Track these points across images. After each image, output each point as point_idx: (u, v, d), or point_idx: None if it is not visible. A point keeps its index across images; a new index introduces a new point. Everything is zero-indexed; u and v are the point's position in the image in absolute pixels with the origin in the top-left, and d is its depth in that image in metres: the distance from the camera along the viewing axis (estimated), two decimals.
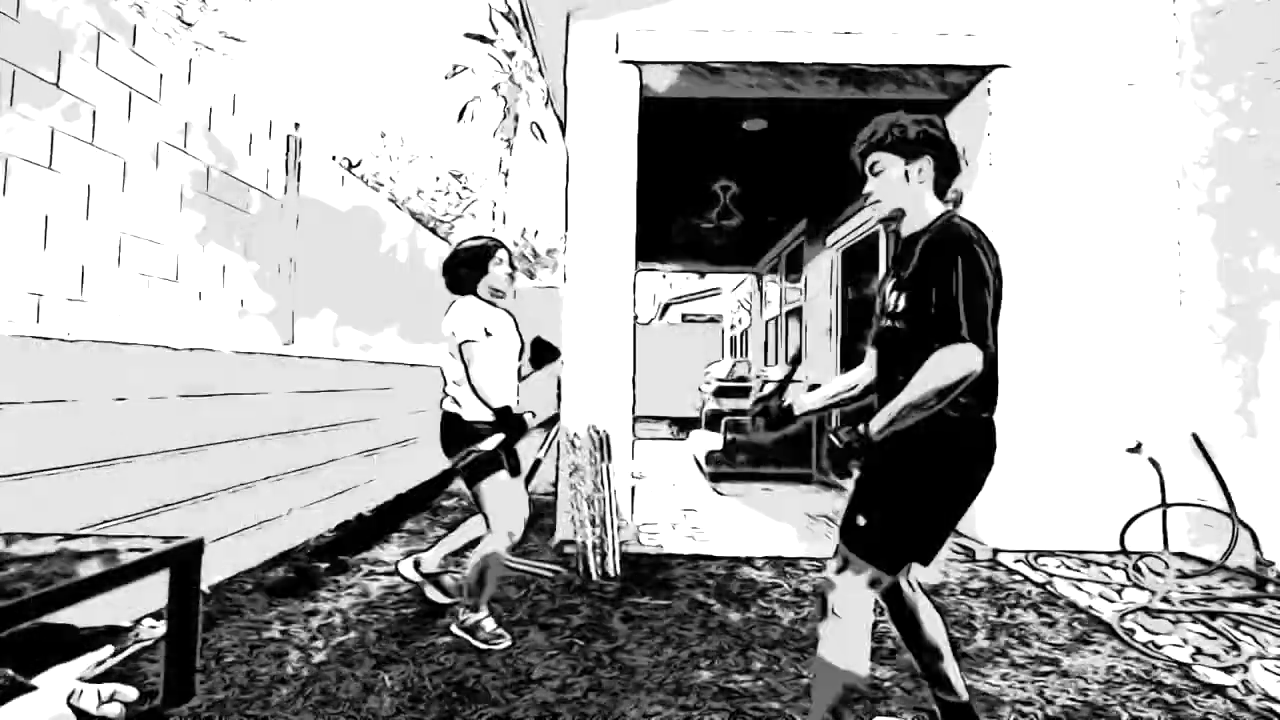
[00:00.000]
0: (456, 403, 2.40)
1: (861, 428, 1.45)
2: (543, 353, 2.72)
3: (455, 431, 2.39)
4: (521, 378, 2.62)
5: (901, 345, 1.50)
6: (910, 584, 1.64)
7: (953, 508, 1.48)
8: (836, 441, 1.48)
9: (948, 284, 1.37)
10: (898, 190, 1.56)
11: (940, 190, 1.58)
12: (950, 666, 1.61)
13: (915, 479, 1.46)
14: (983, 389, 1.45)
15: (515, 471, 2.49)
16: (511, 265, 2.58)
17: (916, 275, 1.47)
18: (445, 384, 2.46)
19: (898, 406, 1.38)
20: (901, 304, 1.50)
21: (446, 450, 2.42)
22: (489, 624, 2.35)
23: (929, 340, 1.37)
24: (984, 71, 3.65)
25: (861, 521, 1.48)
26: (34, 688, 0.49)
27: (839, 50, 3.61)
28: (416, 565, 2.72)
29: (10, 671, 0.51)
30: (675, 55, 3.67)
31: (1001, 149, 3.60)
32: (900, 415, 1.38)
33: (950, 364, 1.33)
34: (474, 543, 2.57)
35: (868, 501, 1.50)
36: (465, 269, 2.49)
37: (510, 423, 2.36)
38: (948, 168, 1.58)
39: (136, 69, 2.58)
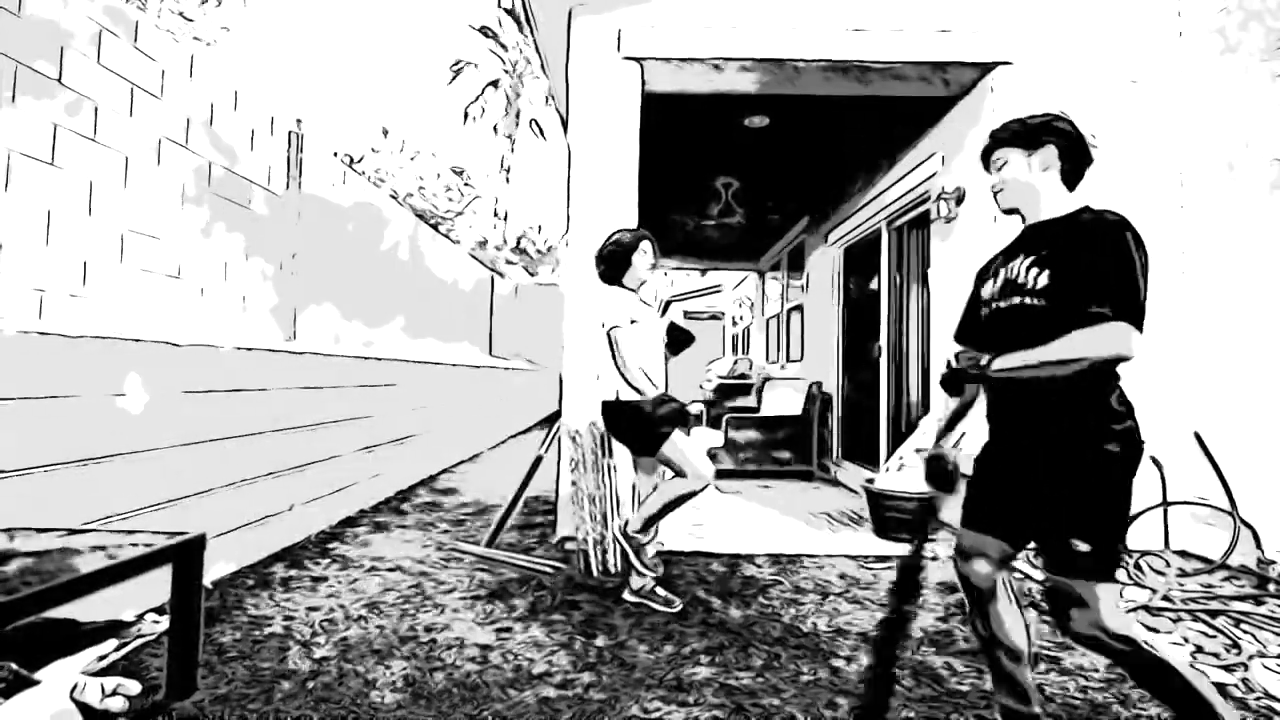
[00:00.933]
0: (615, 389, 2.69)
1: (984, 359, 1.50)
2: (678, 338, 2.91)
3: (615, 415, 2.73)
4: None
5: (1029, 325, 1.48)
6: (1008, 582, 1.63)
7: (1117, 491, 1.45)
8: (953, 363, 1.55)
9: (1109, 264, 1.38)
10: (1020, 180, 1.60)
11: (1070, 181, 1.59)
12: (1028, 673, 1.60)
13: (1116, 485, 1.43)
14: (1121, 392, 1.47)
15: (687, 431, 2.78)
16: (654, 255, 2.80)
17: (1060, 252, 1.47)
18: (600, 375, 2.75)
19: (1035, 357, 1.40)
20: (1044, 280, 1.47)
21: (618, 435, 2.80)
22: (661, 590, 2.66)
23: (1072, 318, 1.37)
24: (986, 68, 3.64)
25: (1085, 547, 1.41)
26: (37, 681, 0.49)
27: (841, 46, 3.60)
28: (625, 530, 2.79)
29: (14, 665, 0.51)
30: (677, 51, 3.66)
31: None
32: (1036, 365, 1.41)
33: (1109, 339, 1.33)
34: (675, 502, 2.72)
35: (1083, 525, 1.42)
36: (612, 260, 2.74)
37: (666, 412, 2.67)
38: (1075, 156, 1.59)
39: (138, 65, 2.58)
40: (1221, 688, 2.05)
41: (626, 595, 2.70)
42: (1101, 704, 1.95)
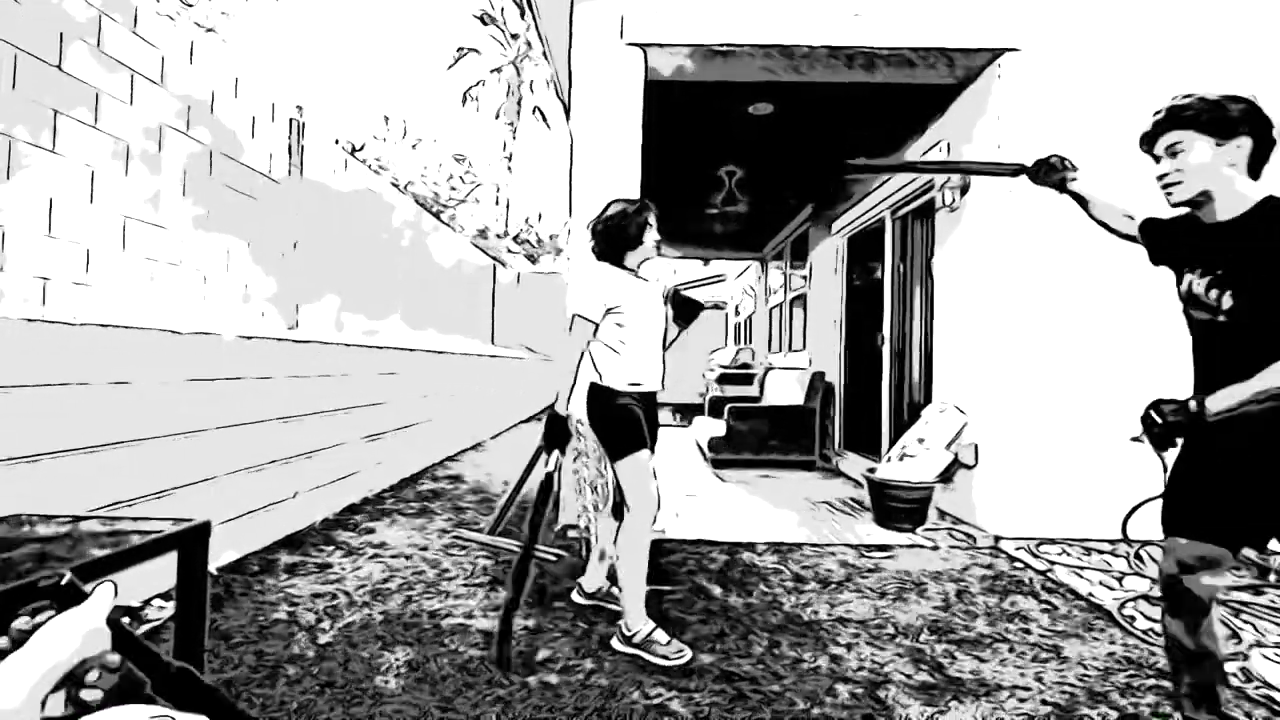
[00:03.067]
0: (596, 371, 2.32)
1: (1193, 404, 1.39)
2: (684, 309, 2.53)
3: (591, 399, 2.33)
4: (666, 346, 2.49)
5: (1228, 340, 1.44)
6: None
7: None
8: (1157, 418, 1.41)
9: None
10: (1203, 172, 1.43)
11: (1255, 171, 1.44)
12: (1222, 683, 1.51)
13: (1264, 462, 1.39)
14: None
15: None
16: (658, 231, 2.40)
17: (1243, 267, 1.38)
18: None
19: (1250, 391, 1.32)
20: (1228, 302, 1.41)
21: (591, 420, 2.33)
22: (660, 634, 2.17)
23: (1265, 337, 1.33)
24: (994, 55, 3.60)
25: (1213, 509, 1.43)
26: (88, 594, 0.50)
27: (847, 33, 3.56)
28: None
29: (69, 573, 0.52)
30: (681, 38, 3.63)
31: (1010, 134, 3.55)
32: (1249, 400, 1.32)
33: None
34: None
35: (1220, 488, 1.44)
36: (611, 236, 2.34)
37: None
38: (1268, 146, 1.44)
39: (138, 51, 2.56)
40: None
41: (617, 644, 2.20)
42: (1099, 692, 1.96)
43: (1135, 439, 3.48)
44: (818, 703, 1.88)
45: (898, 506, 3.75)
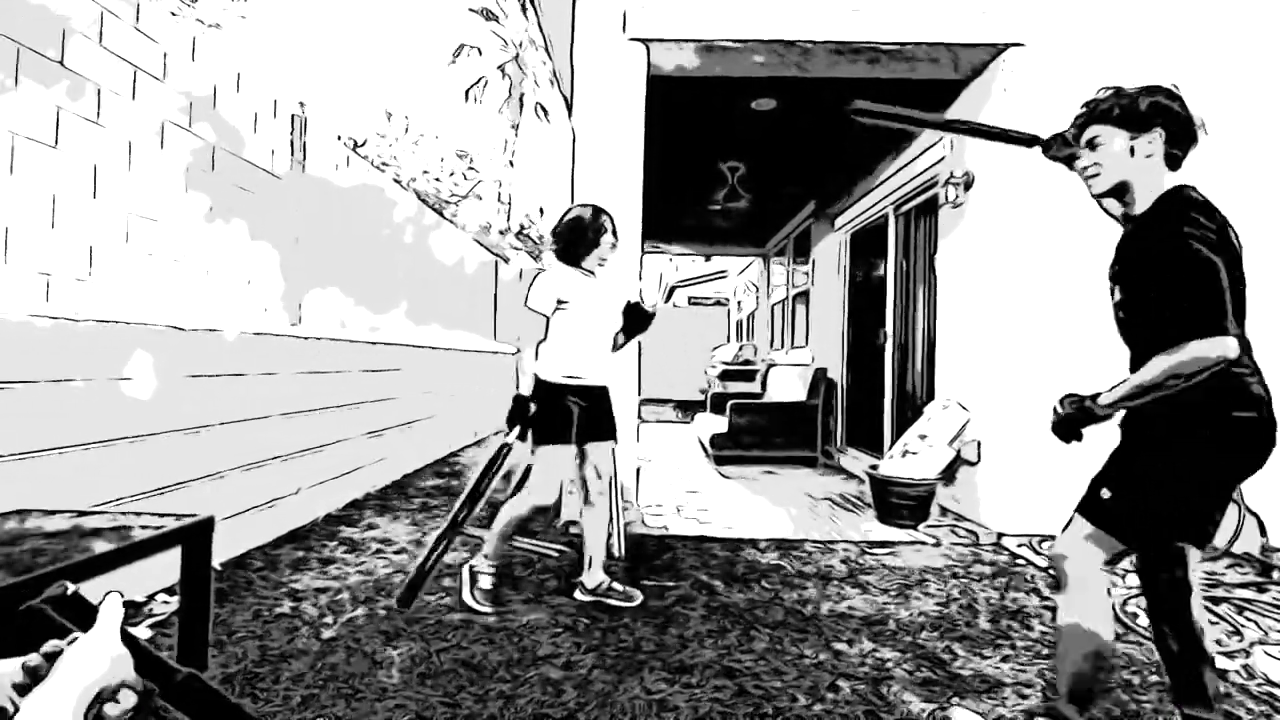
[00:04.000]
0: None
1: (1087, 400, 1.45)
2: (633, 321, 2.68)
3: (540, 395, 2.54)
4: (615, 347, 2.70)
5: (1126, 334, 1.50)
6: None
7: (1207, 491, 1.45)
8: (1059, 409, 1.48)
9: (1171, 274, 1.33)
10: (1120, 165, 1.47)
11: (1174, 163, 1.47)
12: (1210, 676, 1.49)
13: (1173, 461, 1.42)
14: (1235, 382, 1.39)
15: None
16: (615, 235, 2.63)
17: (1134, 264, 1.43)
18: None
19: (1129, 387, 1.38)
20: (1119, 295, 1.47)
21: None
22: (617, 585, 2.55)
23: (1152, 335, 1.37)
24: (998, 50, 3.58)
25: (1106, 495, 1.47)
26: (93, 605, 0.51)
27: (850, 27, 3.54)
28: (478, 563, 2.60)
29: (69, 583, 0.53)
30: (683, 33, 3.61)
31: (1014, 127, 3.53)
32: (1132, 394, 1.37)
33: (1187, 355, 1.30)
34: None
35: (1118, 478, 1.48)
36: (576, 239, 2.56)
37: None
38: (1183, 140, 1.46)
39: (140, 46, 2.56)
40: (1224, 674, 2.06)
41: (579, 595, 2.54)
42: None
43: None
44: (819, 699, 1.88)
45: (900, 503, 3.75)
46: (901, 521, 3.74)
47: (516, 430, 2.48)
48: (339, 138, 5.20)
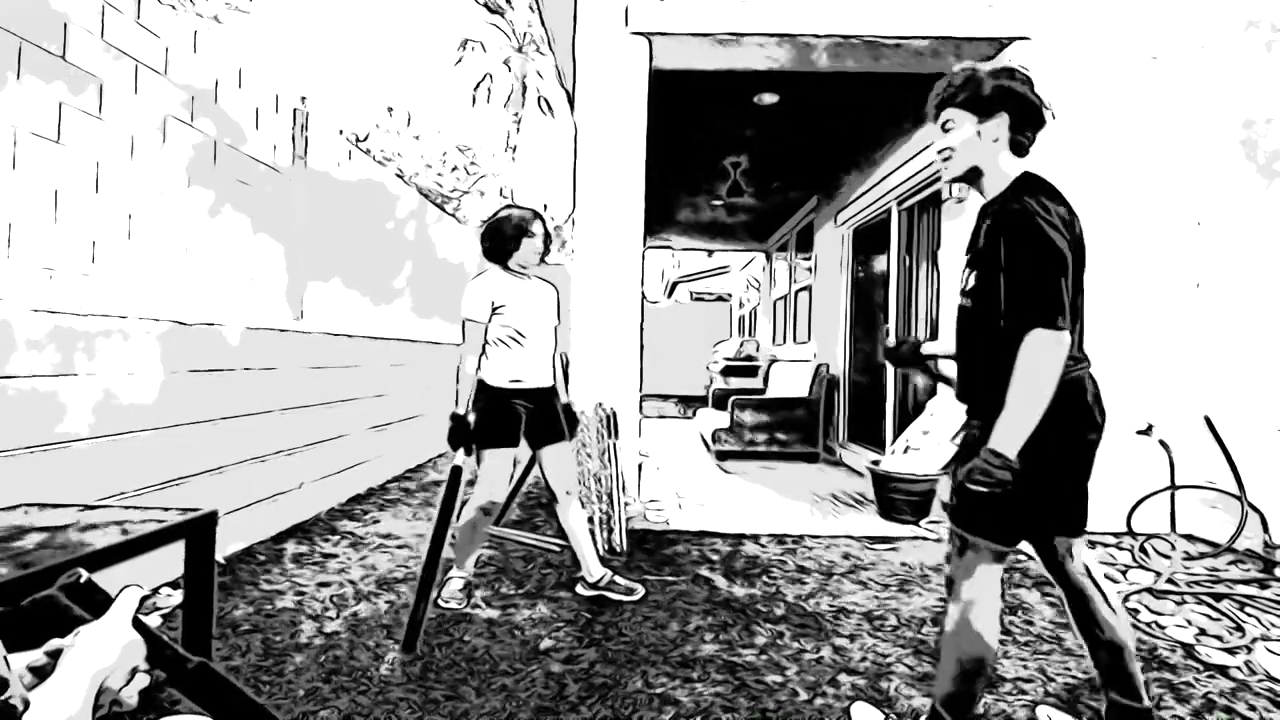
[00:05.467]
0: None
1: (986, 455, 1.33)
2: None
3: (481, 398, 2.47)
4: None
5: (973, 326, 1.48)
6: (1081, 569, 1.55)
7: (1064, 473, 1.44)
8: (988, 488, 1.32)
9: (1016, 265, 1.32)
10: (970, 149, 1.47)
11: (1020, 149, 1.47)
12: (1133, 664, 1.52)
13: (1040, 461, 1.37)
14: (1076, 374, 1.41)
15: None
16: (545, 239, 2.55)
17: (985, 253, 1.41)
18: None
19: (1024, 425, 1.30)
20: (971, 282, 1.45)
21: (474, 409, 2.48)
22: (620, 580, 2.58)
23: (1001, 323, 1.35)
24: (1003, 44, 3.55)
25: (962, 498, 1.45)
26: (107, 594, 0.51)
27: (853, 21, 3.52)
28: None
29: (83, 571, 0.54)
30: (686, 27, 3.59)
31: None
32: (1027, 429, 1.30)
33: (1038, 361, 1.28)
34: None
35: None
36: (500, 239, 2.50)
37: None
38: (1028, 125, 1.46)
39: (142, 41, 2.55)
40: (1224, 670, 2.06)
41: (581, 590, 2.57)
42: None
43: (1141, 432, 3.50)
44: (820, 693, 1.89)
45: (901, 499, 3.75)
46: (903, 517, 3.74)
47: (461, 451, 2.36)
48: (341, 132, 5.19)
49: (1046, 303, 1.28)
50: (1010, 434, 1.31)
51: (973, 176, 1.50)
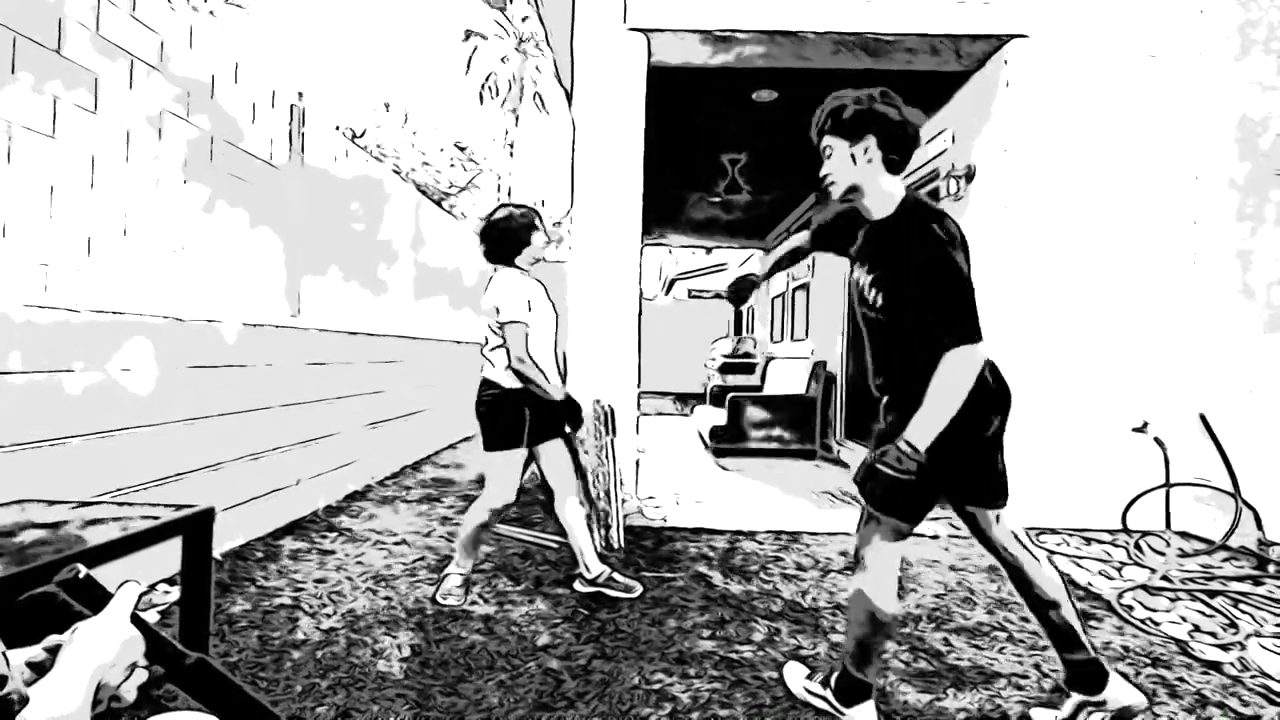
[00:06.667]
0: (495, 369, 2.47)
1: (903, 445, 1.47)
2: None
3: (495, 400, 2.45)
4: None
5: (885, 335, 1.61)
6: (1011, 538, 1.68)
7: (969, 450, 1.58)
8: (897, 474, 1.47)
9: (931, 289, 1.45)
10: (846, 171, 1.58)
11: (894, 167, 1.57)
12: (1073, 619, 1.64)
13: (948, 451, 1.51)
14: (982, 374, 1.52)
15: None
16: (546, 232, 2.56)
17: (891, 271, 1.53)
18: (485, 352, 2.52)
19: (935, 426, 1.45)
20: (880, 300, 1.56)
21: (479, 416, 2.49)
22: (619, 576, 2.59)
23: (914, 333, 1.49)
24: (1001, 41, 3.55)
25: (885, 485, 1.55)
26: (105, 589, 0.52)
27: (852, 18, 3.51)
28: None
29: (82, 567, 0.54)
30: (684, 23, 3.59)
31: (1017, 120, 3.52)
32: (937, 429, 1.45)
33: (960, 374, 1.44)
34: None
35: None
36: (508, 238, 2.47)
37: (570, 409, 2.52)
38: (896, 145, 1.55)
39: (137, 35, 2.54)
40: (1217, 666, 2.07)
41: (579, 586, 2.57)
42: None
43: (1136, 430, 3.53)
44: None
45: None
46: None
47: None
48: (338, 128, 5.16)
49: (965, 323, 1.43)
50: (924, 431, 1.46)
51: (855, 196, 1.62)
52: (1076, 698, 1.67)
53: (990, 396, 1.56)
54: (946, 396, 1.44)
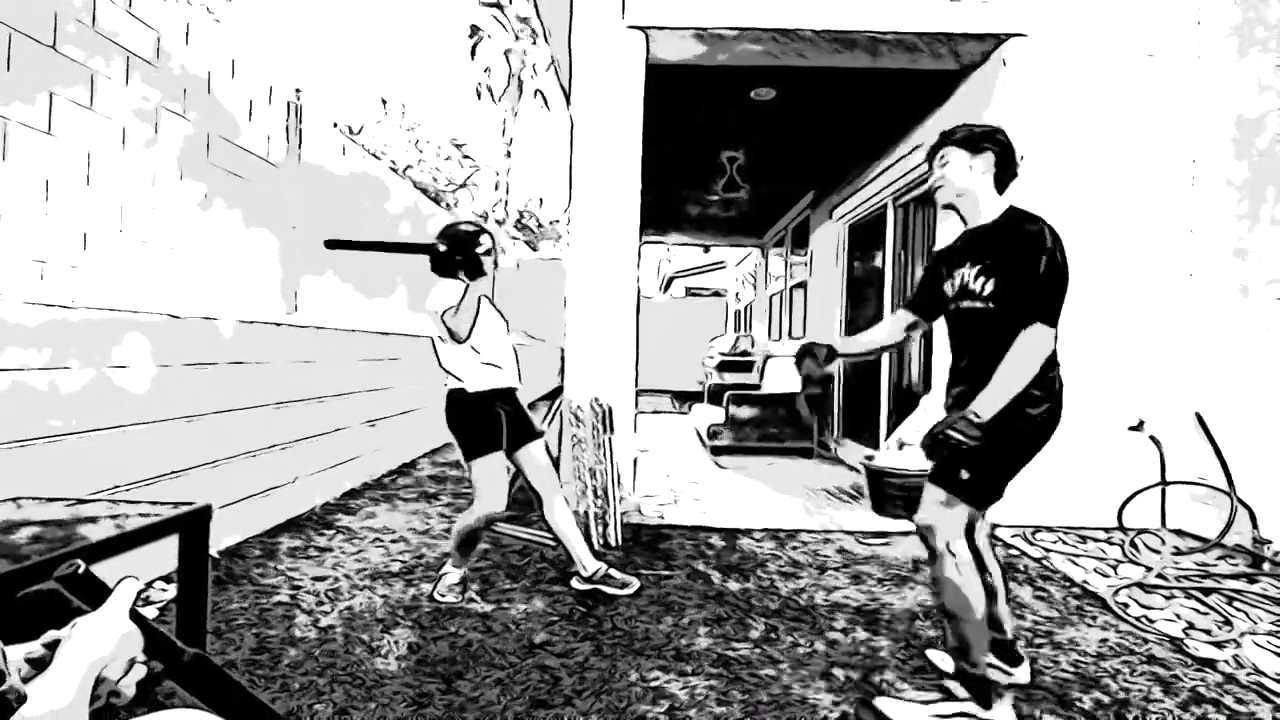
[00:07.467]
0: (456, 378, 2.46)
1: (971, 416, 1.61)
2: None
3: (462, 403, 2.46)
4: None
5: (985, 325, 1.75)
6: (987, 543, 1.97)
7: (1028, 452, 1.76)
8: (962, 439, 1.60)
9: (1034, 273, 1.63)
10: (962, 177, 1.80)
11: (1000, 185, 1.81)
12: (1003, 607, 1.88)
13: (1010, 431, 1.68)
14: (1050, 374, 1.74)
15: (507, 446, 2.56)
16: (496, 251, 2.56)
17: (998, 263, 1.71)
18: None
19: (1005, 395, 1.61)
20: (988, 289, 1.73)
21: (451, 426, 2.48)
22: (615, 573, 2.59)
23: (1012, 321, 1.64)
24: (999, 41, 3.55)
25: (965, 475, 1.70)
26: (104, 585, 0.52)
27: (849, 16, 3.51)
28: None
29: (81, 562, 0.54)
30: (683, 20, 3.58)
31: (1014, 119, 3.52)
32: (1006, 399, 1.61)
33: (1036, 349, 1.62)
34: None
35: (972, 456, 1.66)
36: (453, 253, 2.48)
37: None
38: (1006, 164, 1.81)
39: (134, 31, 2.53)
40: (1212, 663, 2.08)
41: (576, 584, 2.58)
42: (1092, 677, 1.98)
43: (1132, 428, 3.55)
44: (813, 687, 1.90)
45: (895, 494, 3.77)
46: (897, 512, 3.76)
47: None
48: (335, 125, 5.15)
49: (1051, 309, 1.64)
50: (993, 399, 1.61)
51: (960, 201, 1.83)
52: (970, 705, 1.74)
53: (1053, 397, 1.75)
54: (1018, 370, 1.60)
